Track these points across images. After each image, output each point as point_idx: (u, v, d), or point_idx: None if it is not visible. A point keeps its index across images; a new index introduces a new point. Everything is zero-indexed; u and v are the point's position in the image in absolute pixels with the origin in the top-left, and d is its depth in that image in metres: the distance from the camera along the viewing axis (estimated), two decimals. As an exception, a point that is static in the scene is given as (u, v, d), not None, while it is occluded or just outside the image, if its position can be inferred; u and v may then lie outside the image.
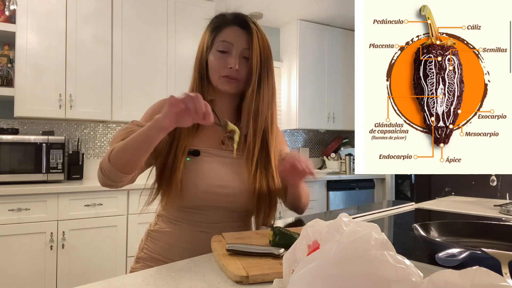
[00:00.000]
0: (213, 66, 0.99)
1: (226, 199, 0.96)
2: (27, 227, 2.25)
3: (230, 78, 0.97)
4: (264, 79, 0.99)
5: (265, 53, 0.99)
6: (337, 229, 0.43)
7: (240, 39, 0.98)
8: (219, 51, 0.98)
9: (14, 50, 2.57)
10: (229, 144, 1.01)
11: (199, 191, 0.94)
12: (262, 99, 0.99)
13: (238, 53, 0.97)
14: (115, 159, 0.86)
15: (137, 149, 0.84)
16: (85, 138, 3.05)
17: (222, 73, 0.97)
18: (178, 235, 0.97)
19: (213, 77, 1.00)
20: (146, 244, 1.02)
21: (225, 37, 0.98)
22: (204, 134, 1.01)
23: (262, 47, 0.98)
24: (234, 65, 0.96)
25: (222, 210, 0.97)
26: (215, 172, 0.96)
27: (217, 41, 0.99)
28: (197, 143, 0.99)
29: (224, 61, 0.97)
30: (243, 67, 0.98)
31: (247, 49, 0.98)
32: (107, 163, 0.87)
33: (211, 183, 0.94)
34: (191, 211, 0.97)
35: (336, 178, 3.65)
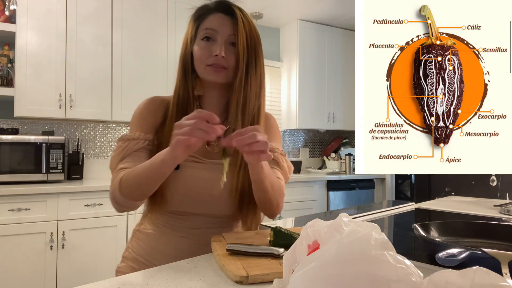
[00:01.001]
0: (198, 55, 0.93)
1: (207, 205, 0.93)
2: (27, 227, 2.25)
3: (217, 66, 0.91)
4: (252, 68, 0.92)
5: (252, 39, 0.93)
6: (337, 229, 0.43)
7: (224, 25, 0.92)
8: (203, 40, 0.93)
9: (14, 50, 2.57)
10: (215, 144, 0.94)
11: (180, 197, 0.92)
12: (250, 89, 0.92)
13: (223, 40, 0.91)
14: (128, 192, 0.84)
15: (151, 182, 0.83)
16: (85, 138, 3.05)
17: (208, 62, 0.91)
18: (159, 238, 0.95)
19: (199, 68, 0.94)
20: (132, 244, 1.00)
21: (209, 24, 0.93)
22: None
23: (248, 33, 0.92)
24: (219, 52, 0.90)
25: (203, 216, 0.94)
26: (196, 178, 0.92)
27: (201, 30, 0.93)
28: None
29: (209, 49, 0.91)
30: (230, 54, 0.91)
31: (233, 35, 0.92)
32: (119, 196, 0.85)
33: (191, 190, 0.91)
34: (173, 216, 0.95)
35: (336, 178, 3.65)
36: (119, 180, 0.85)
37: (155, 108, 0.97)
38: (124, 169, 0.87)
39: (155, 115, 0.96)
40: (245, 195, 0.93)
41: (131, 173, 0.84)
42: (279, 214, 0.99)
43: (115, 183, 0.86)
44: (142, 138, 0.92)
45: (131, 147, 0.90)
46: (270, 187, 0.90)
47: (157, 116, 0.96)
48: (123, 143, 0.92)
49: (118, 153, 0.91)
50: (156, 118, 0.96)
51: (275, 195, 0.92)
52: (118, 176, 0.86)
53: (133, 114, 0.99)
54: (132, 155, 0.90)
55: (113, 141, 3.16)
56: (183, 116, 0.90)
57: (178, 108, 0.94)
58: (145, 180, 0.82)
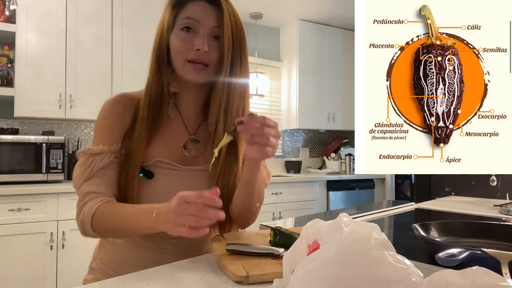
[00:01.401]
0: (176, 48, 0.82)
1: None
2: (27, 227, 2.25)
3: (198, 62, 0.81)
4: (237, 65, 0.83)
5: (238, 33, 0.83)
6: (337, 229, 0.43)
7: (208, 15, 0.81)
8: (182, 31, 0.82)
9: (14, 50, 2.57)
10: (192, 148, 0.88)
11: None
12: (235, 89, 0.83)
13: (206, 32, 0.81)
14: (102, 232, 0.78)
15: (130, 234, 0.79)
16: (85, 138, 3.05)
17: (188, 57, 0.81)
18: (131, 249, 0.85)
19: (177, 63, 0.83)
20: (99, 254, 0.91)
21: (190, 13, 0.81)
22: (162, 140, 0.86)
23: (234, 25, 0.82)
24: (202, 46, 0.79)
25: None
26: (172, 188, 0.80)
27: (180, 19, 0.82)
28: (153, 153, 0.84)
29: (190, 42, 0.81)
30: (213, 49, 0.82)
31: (217, 27, 0.81)
32: (91, 231, 0.78)
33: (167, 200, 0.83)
34: None
35: (336, 178, 3.65)
36: (90, 217, 0.76)
37: (122, 109, 0.86)
38: (92, 195, 0.79)
39: (122, 119, 0.85)
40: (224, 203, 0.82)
41: (106, 216, 0.76)
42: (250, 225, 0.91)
43: (85, 218, 0.77)
44: (108, 151, 0.82)
45: (97, 165, 0.80)
46: (257, 193, 0.84)
47: (125, 119, 0.85)
48: (87, 159, 0.81)
49: (82, 171, 0.80)
50: (124, 123, 0.85)
51: (257, 202, 0.86)
52: (88, 209, 0.77)
53: (97, 117, 0.87)
54: (98, 175, 0.80)
55: (113, 141, 3.16)
56: (156, 117, 0.84)
57: (150, 107, 0.84)
58: (123, 232, 0.77)
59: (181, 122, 0.90)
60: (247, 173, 0.81)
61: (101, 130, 0.85)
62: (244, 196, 0.83)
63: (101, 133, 0.85)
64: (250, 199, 0.83)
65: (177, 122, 0.89)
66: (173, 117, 0.89)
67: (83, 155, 0.82)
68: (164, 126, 0.87)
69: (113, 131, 0.84)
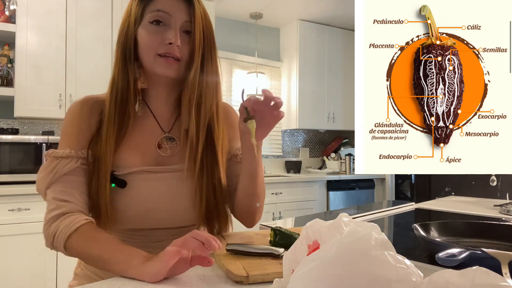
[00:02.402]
0: (146, 42, 0.78)
1: (163, 220, 0.82)
2: (27, 227, 2.25)
3: (170, 56, 0.78)
4: (208, 61, 0.82)
5: (208, 29, 0.82)
6: (337, 229, 0.43)
7: (179, 9, 0.79)
8: (152, 24, 0.78)
9: (14, 50, 2.57)
10: (168, 147, 0.85)
11: (131, 217, 0.80)
12: (206, 85, 0.81)
13: (178, 26, 0.78)
14: (73, 254, 0.72)
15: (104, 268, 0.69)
16: (85, 138, 3.05)
17: (159, 51, 0.78)
18: None
19: (146, 57, 0.79)
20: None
21: (161, 5, 0.78)
22: (132, 141, 0.82)
23: (205, 21, 0.81)
24: (175, 40, 0.77)
25: (166, 229, 0.83)
26: (148, 194, 0.79)
27: (150, 11, 0.79)
28: (125, 159, 0.80)
29: (161, 36, 0.78)
30: (184, 44, 0.79)
31: (188, 22, 0.79)
32: (62, 249, 0.72)
33: (143, 207, 0.79)
34: (131, 232, 0.82)
35: (336, 178, 3.65)
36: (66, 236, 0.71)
37: (88, 112, 0.82)
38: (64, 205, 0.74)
39: (88, 123, 0.81)
40: (211, 204, 0.83)
41: (85, 241, 0.70)
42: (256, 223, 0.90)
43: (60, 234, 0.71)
44: (74, 156, 0.77)
45: (60, 169, 0.75)
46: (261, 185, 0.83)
47: (91, 122, 0.81)
48: (51, 162, 0.76)
49: (45, 175, 0.76)
50: (90, 126, 0.81)
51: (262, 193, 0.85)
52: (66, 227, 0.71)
53: (63, 120, 0.83)
54: (64, 180, 0.76)
55: (113, 141, 3.16)
56: (123, 116, 0.79)
57: (117, 104, 0.80)
58: (99, 263, 0.70)
59: (153, 120, 0.86)
60: (250, 161, 0.79)
61: (66, 134, 0.81)
62: (250, 187, 0.81)
63: (67, 137, 0.80)
64: (256, 190, 0.82)
65: (149, 120, 0.86)
66: (143, 115, 0.85)
67: (47, 158, 0.77)
68: (134, 126, 0.83)
69: (79, 135, 0.80)
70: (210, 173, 0.83)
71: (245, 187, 0.83)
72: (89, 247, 0.70)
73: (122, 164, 0.80)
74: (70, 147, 0.78)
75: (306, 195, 3.45)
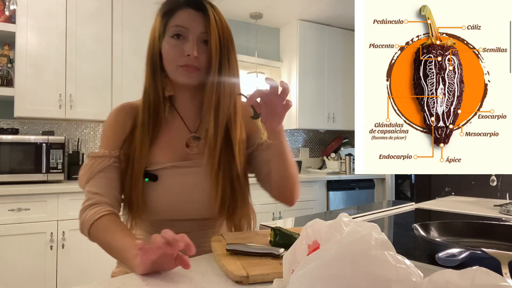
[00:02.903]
0: (168, 55, 0.88)
1: (191, 212, 0.91)
2: (27, 227, 2.25)
3: (189, 67, 0.87)
4: (225, 66, 0.88)
5: (225, 36, 0.89)
6: (337, 229, 0.43)
7: (195, 22, 0.87)
8: (173, 38, 0.88)
9: (14, 50, 2.57)
10: (194, 145, 0.93)
11: (161, 209, 0.90)
12: (224, 89, 0.88)
13: (195, 38, 0.87)
14: (94, 241, 0.83)
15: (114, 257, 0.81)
16: (85, 138, 3.05)
17: (179, 63, 0.87)
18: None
19: (169, 68, 0.89)
20: None
21: (179, 21, 0.87)
22: (165, 141, 0.93)
23: (221, 29, 0.88)
24: (192, 52, 0.85)
25: (191, 221, 0.92)
26: (176, 188, 0.89)
27: (170, 27, 0.88)
28: (157, 157, 0.91)
29: (180, 49, 0.87)
30: (202, 53, 0.87)
31: (204, 32, 0.87)
32: (87, 235, 0.84)
33: (173, 200, 0.89)
34: (161, 223, 0.91)
35: (336, 178, 3.65)
36: (89, 224, 0.82)
37: (123, 118, 0.93)
38: (96, 197, 0.85)
39: (123, 127, 0.93)
40: (226, 198, 0.90)
41: (102, 231, 0.81)
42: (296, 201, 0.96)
43: (86, 222, 0.83)
44: (108, 155, 0.89)
45: (95, 167, 0.87)
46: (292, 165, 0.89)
47: (126, 126, 0.93)
48: (89, 161, 0.89)
49: (85, 172, 0.89)
50: (124, 129, 0.92)
51: (295, 172, 0.91)
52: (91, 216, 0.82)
53: (104, 125, 0.96)
54: (98, 176, 0.87)
55: (113, 141, 3.16)
56: (156, 120, 0.91)
57: (150, 112, 0.91)
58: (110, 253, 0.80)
59: (181, 122, 0.95)
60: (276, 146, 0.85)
61: (105, 137, 0.93)
62: (282, 169, 0.87)
63: (105, 140, 0.92)
64: (287, 170, 0.88)
65: (177, 122, 0.95)
66: (172, 119, 0.94)
67: (87, 158, 0.91)
68: (165, 129, 0.93)
69: (114, 138, 0.92)
70: (227, 169, 0.90)
71: (278, 170, 0.89)
72: (103, 235, 0.80)
73: (153, 161, 0.90)
74: (106, 147, 0.91)
75: (306, 195, 3.45)
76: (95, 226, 0.82)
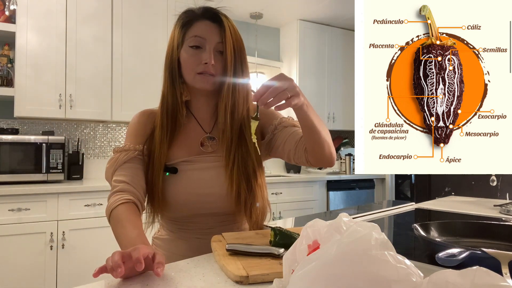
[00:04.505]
0: (187, 63, 0.96)
1: (209, 206, 0.96)
2: (27, 227, 2.25)
3: (206, 74, 0.94)
4: (239, 72, 0.96)
5: (239, 46, 0.97)
6: (337, 229, 0.43)
7: (212, 33, 0.95)
8: (191, 47, 0.95)
9: (14, 50, 2.57)
10: (209, 145, 1.00)
11: (181, 203, 0.95)
12: (238, 94, 0.96)
13: (212, 48, 0.94)
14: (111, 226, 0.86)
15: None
16: (85, 138, 3.05)
17: (197, 70, 0.94)
18: (176, 243, 1.00)
19: (188, 75, 0.97)
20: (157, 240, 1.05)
21: (197, 31, 0.95)
22: (182, 140, 1.00)
23: (235, 40, 0.96)
24: (209, 60, 0.93)
25: (210, 216, 0.98)
26: (194, 181, 0.96)
27: (188, 37, 0.96)
28: (174, 153, 0.98)
29: (198, 57, 0.94)
30: (218, 61, 0.95)
31: (220, 43, 0.95)
32: (109, 222, 0.88)
33: (191, 193, 0.95)
34: (181, 221, 0.99)
35: (336, 178, 3.65)
36: (110, 210, 0.86)
37: (145, 120, 1.02)
38: (121, 184, 0.90)
39: (144, 127, 1.01)
40: (242, 192, 0.95)
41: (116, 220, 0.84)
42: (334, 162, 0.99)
43: (108, 208, 0.87)
44: (132, 149, 0.96)
45: (121, 159, 0.94)
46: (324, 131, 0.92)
47: (147, 127, 1.01)
48: (115, 155, 0.96)
49: (111, 165, 0.95)
50: (146, 130, 1.01)
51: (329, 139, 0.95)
52: (111, 203, 0.86)
53: (128, 127, 1.05)
54: (124, 167, 0.93)
55: (113, 141, 3.16)
56: (174, 123, 1.00)
57: (168, 115, 0.98)
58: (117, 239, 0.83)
59: (196, 124, 1.03)
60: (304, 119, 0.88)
61: (128, 136, 1.01)
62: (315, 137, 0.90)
63: (129, 138, 1.00)
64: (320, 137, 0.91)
65: (192, 124, 1.03)
66: (188, 121, 1.02)
67: (113, 153, 0.97)
68: (182, 130, 1.01)
69: (137, 136, 1.00)
70: (242, 165, 0.96)
71: (311, 138, 0.91)
72: (115, 224, 0.84)
73: (172, 157, 0.98)
74: (130, 143, 0.98)
75: (306, 195, 3.45)
76: (113, 215, 0.86)
